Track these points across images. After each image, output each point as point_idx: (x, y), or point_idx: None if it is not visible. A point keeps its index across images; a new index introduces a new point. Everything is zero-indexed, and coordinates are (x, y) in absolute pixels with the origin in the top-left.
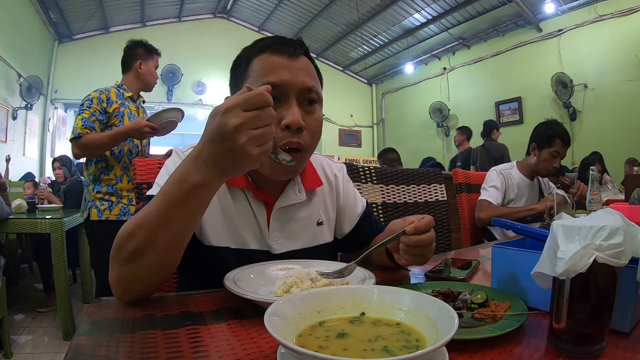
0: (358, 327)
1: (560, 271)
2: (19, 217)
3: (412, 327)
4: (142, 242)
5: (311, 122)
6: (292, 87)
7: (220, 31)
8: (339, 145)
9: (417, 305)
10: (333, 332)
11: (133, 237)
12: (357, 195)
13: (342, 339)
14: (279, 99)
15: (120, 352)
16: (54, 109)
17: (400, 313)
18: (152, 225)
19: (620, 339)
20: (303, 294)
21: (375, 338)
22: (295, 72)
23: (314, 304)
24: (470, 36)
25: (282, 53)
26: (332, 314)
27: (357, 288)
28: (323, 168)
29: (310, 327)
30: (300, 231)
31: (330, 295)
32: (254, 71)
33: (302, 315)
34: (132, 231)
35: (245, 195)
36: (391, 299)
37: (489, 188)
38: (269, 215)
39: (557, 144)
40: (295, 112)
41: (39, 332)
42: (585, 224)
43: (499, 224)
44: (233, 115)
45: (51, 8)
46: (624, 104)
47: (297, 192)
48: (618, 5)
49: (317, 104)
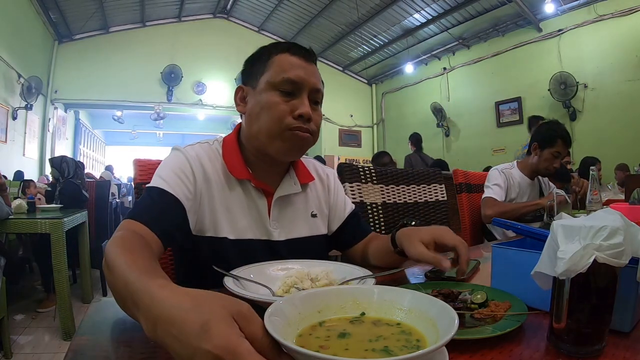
0: (358, 327)
1: (560, 271)
2: (19, 217)
3: (413, 327)
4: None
5: (315, 117)
6: (306, 85)
7: (220, 31)
8: (338, 145)
9: (417, 305)
10: (334, 332)
11: (108, 269)
12: (347, 199)
13: (343, 339)
14: (294, 93)
15: (120, 352)
16: (54, 109)
17: (400, 313)
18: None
19: (620, 339)
20: (303, 294)
21: (375, 338)
22: (310, 73)
23: (314, 304)
24: (470, 36)
25: (300, 56)
26: (332, 314)
27: (358, 288)
28: (315, 167)
29: (311, 327)
30: (297, 221)
31: (331, 295)
32: (275, 65)
33: (303, 315)
34: (109, 264)
35: (245, 186)
36: (391, 299)
37: (492, 186)
38: (269, 204)
39: (559, 145)
40: (307, 105)
41: (39, 332)
42: (585, 224)
43: (499, 224)
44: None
45: (51, 8)
46: (624, 104)
47: (293, 184)
48: (618, 5)
49: (320, 104)
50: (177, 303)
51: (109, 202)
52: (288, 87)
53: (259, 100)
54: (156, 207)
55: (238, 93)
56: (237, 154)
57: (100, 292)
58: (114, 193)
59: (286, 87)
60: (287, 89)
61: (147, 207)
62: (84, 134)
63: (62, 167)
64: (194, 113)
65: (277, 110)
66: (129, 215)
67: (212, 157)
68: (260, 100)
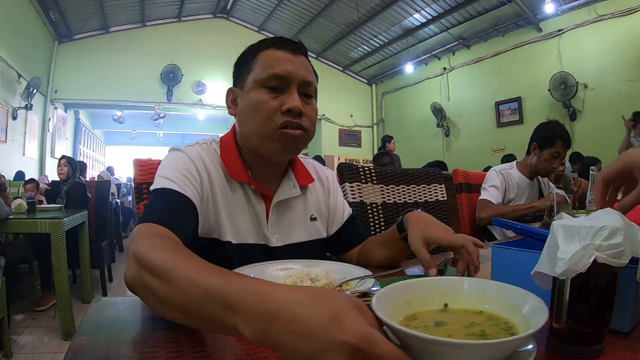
0: (449, 316)
1: (560, 271)
2: (19, 217)
3: (496, 313)
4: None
5: (308, 111)
6: (294, 79)
7: (220, 31)
8: (338, 145)
9: (499, 294)
10: (430, 322)
11: (162, 280)
12: (345, 202)
13: (441, 327)
14: (282, 88)
15: (120, 352)
16: (54, 109)
17: (482, 302)
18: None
19: (620, 339)
20: (395, 287)
21: (469, 324)
22: (297, 66)
23: (404, 296)
24: (470, 36)
25: (286, 49)
26: (418, 306)
27: (442, 279)
28: (315, 168)
29: (406, 318)
30: (296, 226)
31: (417, 287)
32: (261, 62)
33: (395, 307)
34: (164, 274)
35: (245, 189)
36: (473, 289)
37: (489, 188)
38: (267, 209)
39: (559, 145)
40: (296, 98)
41: (39, 332)
42: (585, 224)
43: (499, 224)
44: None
45: (51, 8)
46: (624, 104)
47: (292, 187)
48: (618, 5)
49: (314, 98)
50: (297, 299)
51: (109, 202)
52: (275, 82)
53: (247, 100)
54: (172, 208)
55: (229, 95)
56: (236, 156)
57: (100, 292)
58: (113, 193)
59: (273, 82)
60: (275, 84)
61: (162, 209)
62: (84, 134)
63: (76, 168)
64: (194, 113)
65: (266, 107)
66: (144, 219)
67: (212, 158)
68: (248, 100)
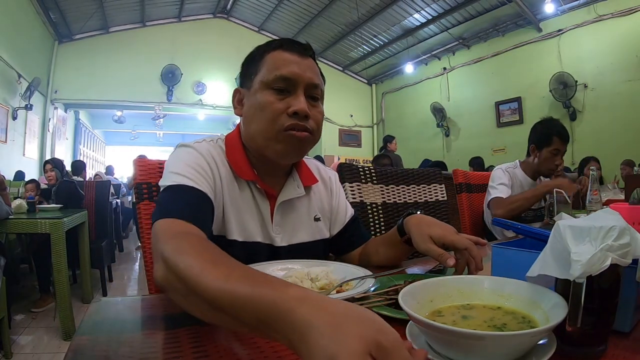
0: (472, 312)
1: (577, 274)
2: (19, 217)
3: (515, 309)
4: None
5: (315, 114)
6: (301, 81)
7: (220, 31)
8: (338, 145)
9: (514, 290)
10: (457, 317)
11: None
12: (348, 203)
13: (467, 321)
14: (288, 90)
15: (120, 352)
16: (54, 109)
17: (500, 299)
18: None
19: (621, 339)
20: (420, 285)
21: (490, 319)
22: (304, 68)
23: (428, 294)
24: (470, 36)
25: (293, 51)
26: (441, 302)
27: (461, 278)
28: (318, 168)
29: (432, 314)
30: (300, 226)
31: (438, 286)
32: (268, 64)
33: (420, 305)
34: (191, 283)
35: (250, 187)
36: (491, 287)
37: (497, 186)
38: (272, 208)
39: (556, 142)
40: (302, 101)
41: (39, 332)
42: (594, 224)
43: (499, 224)
44: None
45: (51, 8)
46: (624, 104)
47: (296, 187)
48: (618, 5)
49: (320, 101)
50: (316, 323)
51: (109, 202)
52: (281, 84)
53: (253, 102)
54: (192, 204)
55: (235, 96)
56: (242, 154)
57: (100, 292)
58: (113, 193)
59: (279, 84)
60: (281, 86)
61: (182, 204)
62: (84, 134)
63: (63, 168)
64: (194, 113)
65: (272, 109)
66: (164, 214)
67: (220, 155)
68: (254, 101)
